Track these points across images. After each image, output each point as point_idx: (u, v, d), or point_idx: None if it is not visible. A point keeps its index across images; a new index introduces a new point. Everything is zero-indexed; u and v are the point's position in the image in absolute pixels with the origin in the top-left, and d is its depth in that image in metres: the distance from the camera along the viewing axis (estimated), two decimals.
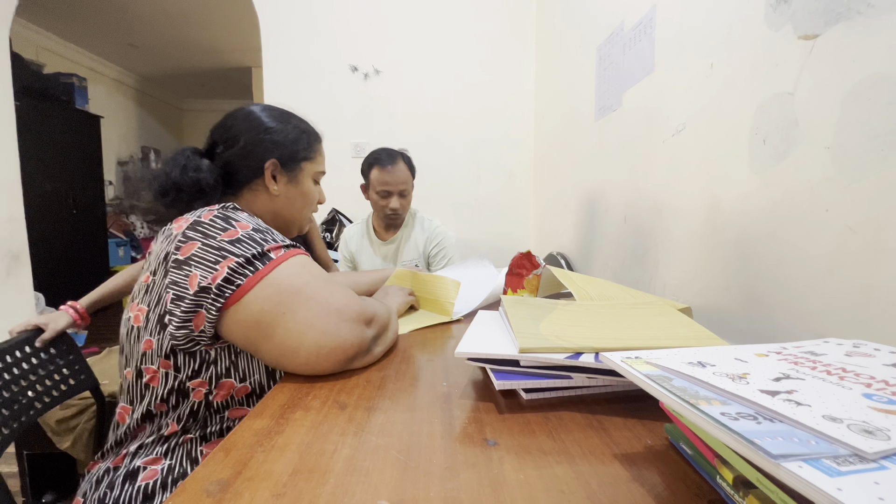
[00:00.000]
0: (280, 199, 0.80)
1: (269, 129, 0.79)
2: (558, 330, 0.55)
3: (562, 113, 2.08)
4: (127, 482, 0.59)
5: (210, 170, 0.75)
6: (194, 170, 0.73)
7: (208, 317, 0.57)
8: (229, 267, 0.57)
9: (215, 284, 0.57)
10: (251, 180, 0.78)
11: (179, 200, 0.73)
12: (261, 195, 0.79)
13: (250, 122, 0.79)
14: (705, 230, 0.95)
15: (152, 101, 5.85)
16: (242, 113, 0.80)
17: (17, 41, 3.40)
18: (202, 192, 0.74)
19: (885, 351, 0.39)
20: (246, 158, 0.77)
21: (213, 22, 4.04)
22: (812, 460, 0.23)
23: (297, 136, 0.81)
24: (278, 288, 0.58)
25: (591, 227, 1.67)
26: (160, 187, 0.73)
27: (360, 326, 0.60)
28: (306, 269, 0.61)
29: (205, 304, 0.57)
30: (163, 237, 0.65)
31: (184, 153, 0.76)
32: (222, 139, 0.78)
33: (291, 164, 0.80)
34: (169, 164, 0.74)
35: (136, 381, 0.63)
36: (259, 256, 0.59)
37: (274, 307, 0.57)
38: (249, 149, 0.77)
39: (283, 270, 0.59)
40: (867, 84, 0.59)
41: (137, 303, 0.65)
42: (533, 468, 0.36)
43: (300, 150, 0.81)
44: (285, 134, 0.80)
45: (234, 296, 0.57)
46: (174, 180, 0.73)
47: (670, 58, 1.10)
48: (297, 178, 0.81)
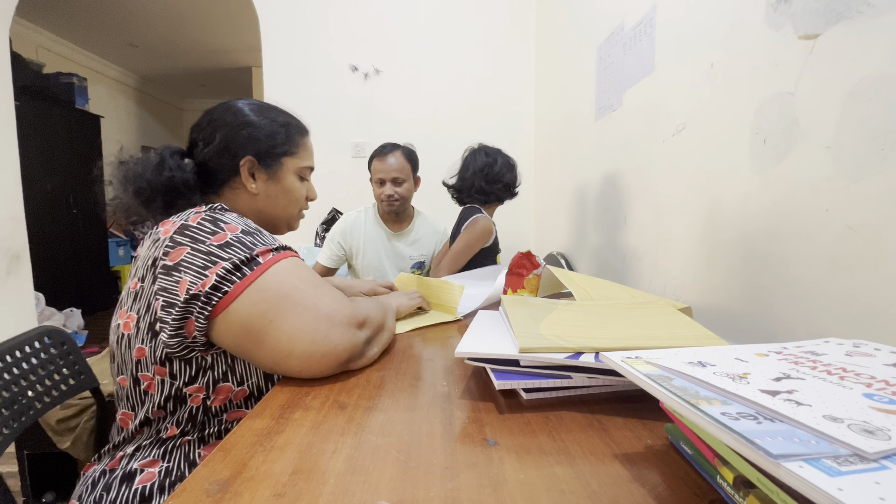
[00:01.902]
0: (261, 197, 0.77)
1: (245, 125, 0.75)
2: (558, 330, 0.55)
3: (562, 113, 2.08)
4: (124, 484, 0.59)
5: (186, 169, 0.73)
6: (170, 169, 0.71)
7: (198, 325, 0.56)
8: (217, 273, 0.55)
9: (203, 291, 0.55)
10: (230, 178, 0.75)
11: (154, 200, 0.71)
12: (241, 194, 0.76)
13: (227, 117, 0.76)
14: (705, 230, 0.95)
15: (152, 101, 5.85)
16: (221, 108, 0.77)
17: (17, 41, 3.40)
18: (178, 192, 0.71)
19: (886, 351, 0.39)
20: (222, 155, 0.74)
21: (213, 22, 4.04)
22: (812, 460, 0.23)
23: (275, 130, 0.77)
24: (266, 294, 0.56)
25: (591, 228, 1.67)
26: (135, 188, 0.71)
27: (351, 330, 0.57)
28: (295, 274, 0.59)
29: (194, 311, 0.55)
30: (149, 241, 0.63)
31: (161, 153, 0.74)
32: (201, 136, 0.76)
33: (269, 160, 0.76)
34: (143, 164, 0.73)
35: (135, 388, 0.62)
36: (247, 261, 0.57)
37: (262, 314, 0.55)
38: (225, 145, 0.74)
39: (270, 276, 0.57)
40: (868, 84, 0.59)
41: (126, 310, 0.63)
42: (533, 468, 0.36)
43: (278, 145, 0.77)
44: (261, 128, 0.76)
45: (221, 303, 0.55)
46: (148, 180, 0.71)
47: (670, 58, 1.10)
48: (276, 174, 0.78)
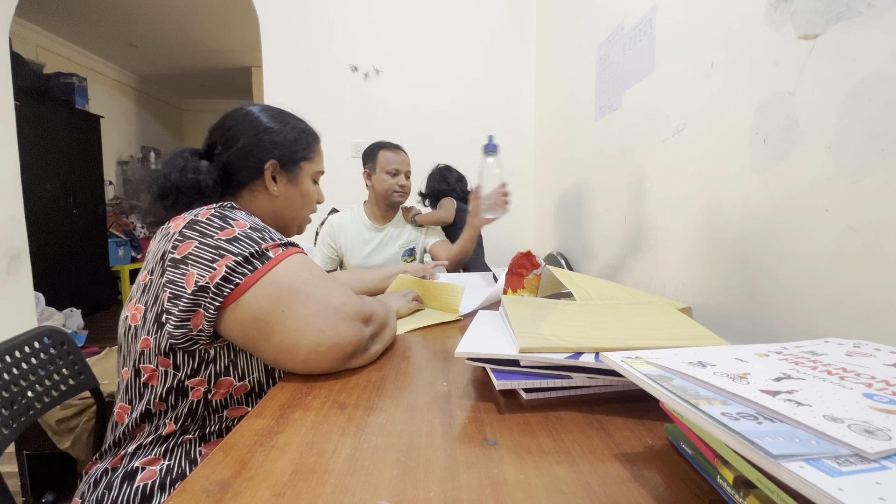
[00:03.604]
0: (280, 199, 0.80)
1: (267, 130, 0.78)
2: (558, 330, 0.55)
3: (562, 113, 2.08)
4: (125, 483, 0.59)
5: (209, 171, 0.74)
6: (193, 171, 0.73)
7: (207, 316, 0.57)
8: (227, 266, 0.57)
9: (214, 283, 0.57)
10: (250, 181, 0.78)
11: (179, 202, 0.73)
12: (260, 196, 0.79)
13: (249, 122, 0.78)
14: (705, 230, 0.95)
15: (152, 101, 5.85)
16: (241, 113, 0.80)
17: (17, 41, 3.40)
18: (202, 194, 0.73)
19: (886, 351, 0.39)
20: (245, 159, 0.77)
21: (213, 22, 4.04)
22: (813, 460, 0.23)
23: (296, 137, 0.81)
24: (277, 286, 0.58)
25: (591, 227, 1.67)
26: (160, 189, 0.73)
27: (357, 324, 0.60)
28: (305, 268, 0.61)
29: (203, 302, 0.57)
30: (160, 236, 0.65)
31: (182, 154, 0.76)
32: (221, 140, 0.78)
33: (291, 165, 0.80)
34: (168, 166, 0.74)
35: (135, 380, 0.63)
36: (257, 255, 0.59)
37: (273, 305, 0.57)
38: (248, 149, 0.77)
39: (281, 269, 0.59)
40: (868, 84, 0.59)
41: (135, 302, 0.64)
42: (533, 468, 0.36)
43: (299, 151, 0.81)
44: (284, 134, 0.79)
45: (232, 294, 0.57)
46: (173, 182, 0.73)
47: (670, 58, 1.10)
48: (296, 178, 0.81)
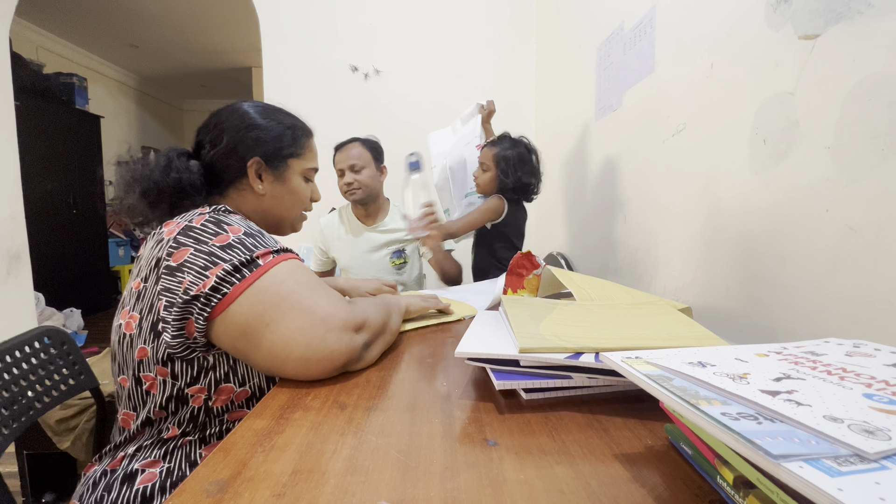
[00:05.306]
0: (267, 198, 0.78)
1: (251, 126, 0.76)
2: (558, 330, 0.55)
3: (562, 113, 2.08)
4: (125, 485, 0.58)
5: (194, 170, 0.73)
6: (177, 170, 0.72)
7: (197, 325, 0.56)
8: (217, 275, 0.56)
9: (203, 293, 0.55)
10: (236, 180, 0.76)
11: (161, 201, 0.71)
12: (247, 195, 0.77)
13: (234, 119, 0.77)
14: (705, 230, 0.95)
15: (152, 101, 5.85)
16: (227, 110, 0.78)
17: (17, 41, 3.40)
18: (185, 193, 0.72)
19: (886, 351, 0.39)
20: (229, 157, 0.75)
21: (213, 22, 4.04)
22: (813, 460, 0.23)
23: (282, 132, 0.78)
24: (262, 297, 0.56)
25: (591, 227, 1.67)
26: (142, 189, 0.72)
27: (347, 335, 0.56)
28: (293, 276, 0.59)
29: (194, 311, 0.56)
30: (153, 242, 0.63)
31: (167, 154, 0.74)
32: (207, 138, 0.76)
33: (276, 162, 0.77)
34: (150, 165, 0.73)
35: (137, 388, 0.62)
36: (247, 263, 0.57)
37: (258, 318, 0.55)
38: (232, 147, 0.75)
39: (269, 278, 0.57)
40: (868, 84, 0.59)
41: (129, 310, 0.63)
42: (533, 468, 0.36)
43: (285, 147, 0.78)
44: (269, 130, 0.77)
45: (219, 305, 0.56)
46: (155, 181, 0.71)
47: (670, 58, 1.10)
48: (283, 175, 0.79)
